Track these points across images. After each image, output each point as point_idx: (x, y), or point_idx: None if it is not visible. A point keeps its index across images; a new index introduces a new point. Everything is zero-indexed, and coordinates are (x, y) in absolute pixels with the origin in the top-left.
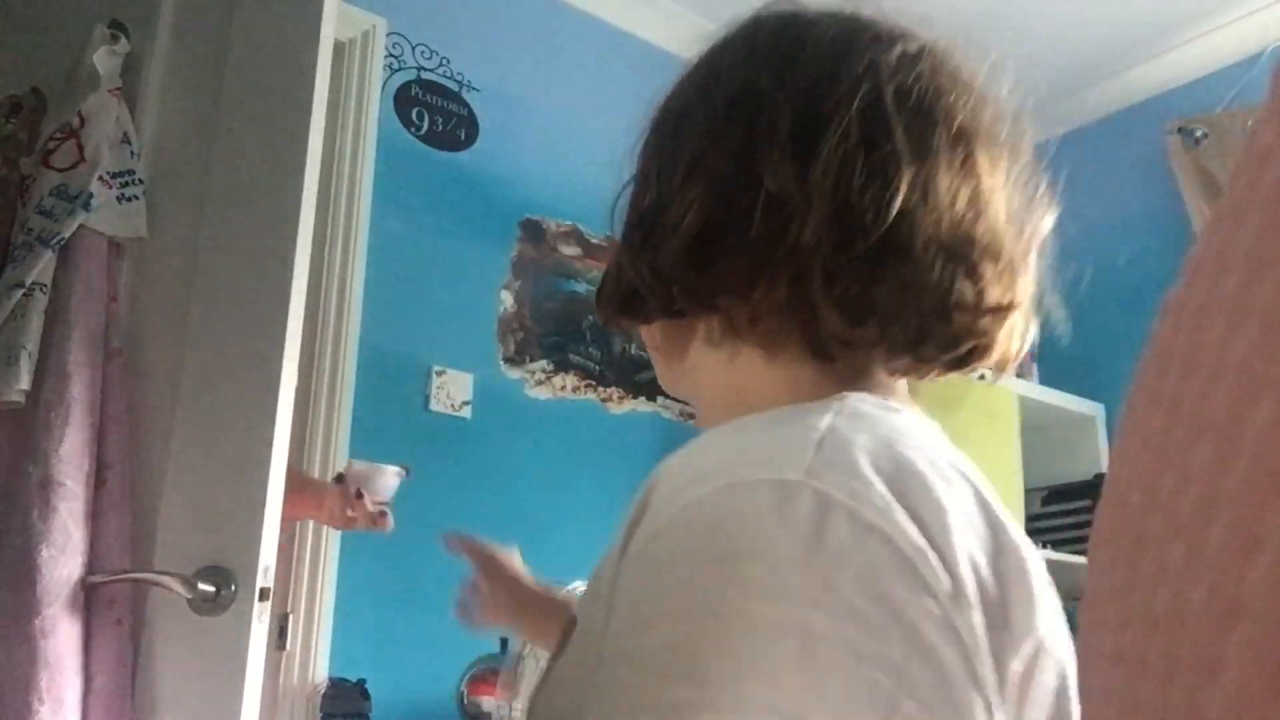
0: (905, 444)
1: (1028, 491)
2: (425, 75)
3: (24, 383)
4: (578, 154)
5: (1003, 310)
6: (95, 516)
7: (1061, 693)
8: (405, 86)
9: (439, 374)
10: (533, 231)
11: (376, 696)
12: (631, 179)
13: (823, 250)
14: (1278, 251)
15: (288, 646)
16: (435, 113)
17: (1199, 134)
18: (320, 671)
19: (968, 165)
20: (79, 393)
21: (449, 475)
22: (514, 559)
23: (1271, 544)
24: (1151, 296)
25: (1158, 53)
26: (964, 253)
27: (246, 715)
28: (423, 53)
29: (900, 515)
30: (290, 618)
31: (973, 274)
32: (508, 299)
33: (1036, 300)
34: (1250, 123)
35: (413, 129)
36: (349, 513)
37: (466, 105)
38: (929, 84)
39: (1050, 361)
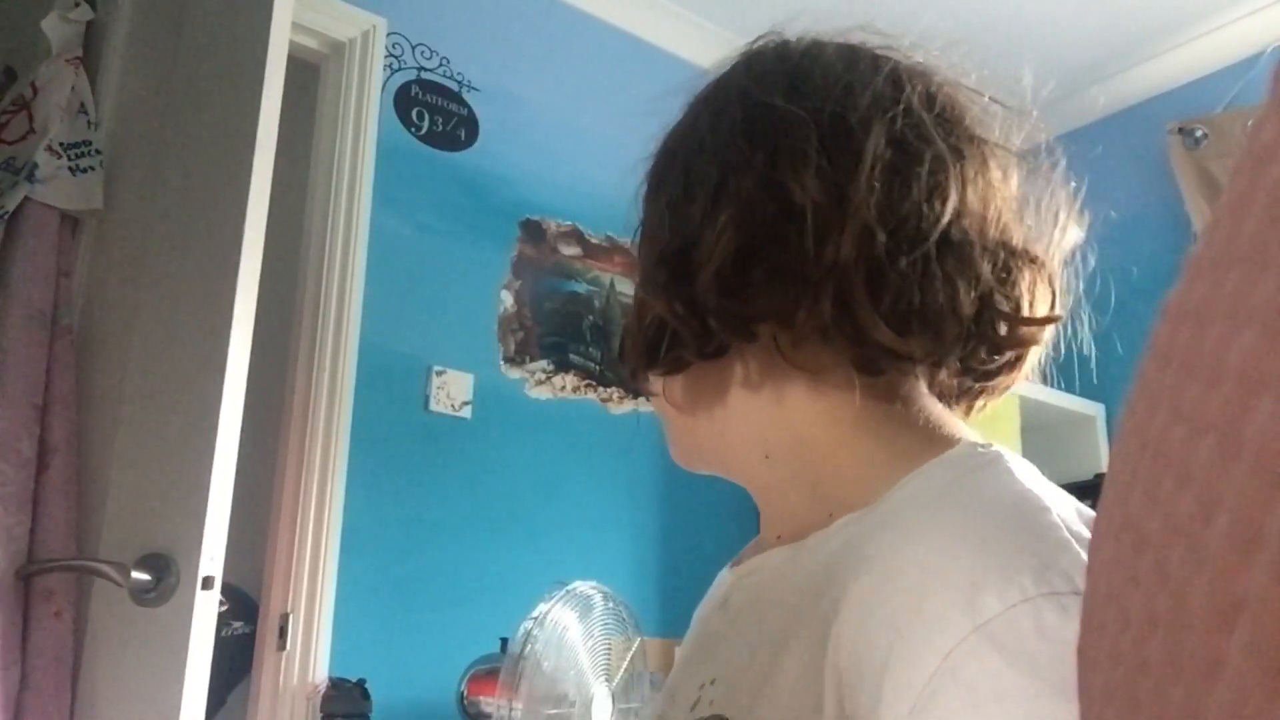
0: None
1: None
2: (425, 75)
3: None
4: (578, 154)
5: (1049, 322)
6: (37, 503)
7: None
8: (405, 86)
9: (439, 374)
10: (533, 231)
11: (376, 696)
12: (638, 228)
13: (865, 262)
14: (1278, 251)
15: (288, 646)
16: (435, 113)
17: (1199, 134)
18: (320, 671)
19: (989, 170)
20: (17, 371)
21: (449, 475)
22: None
23: (1271, 543)
24: (1151, 296)
25: (1158, 53)
26: (1003, 257)
27: (189, 712)
28: (423, 53)
29: None
30: (290, 618)
31: (1014, 279)
32: (508, 299)
33: (1070, 312)
34: (1250, 123)
35: (413, 129)
36: None
37: (466, 105)
38: (948, 91)
39: (1050, 362)
